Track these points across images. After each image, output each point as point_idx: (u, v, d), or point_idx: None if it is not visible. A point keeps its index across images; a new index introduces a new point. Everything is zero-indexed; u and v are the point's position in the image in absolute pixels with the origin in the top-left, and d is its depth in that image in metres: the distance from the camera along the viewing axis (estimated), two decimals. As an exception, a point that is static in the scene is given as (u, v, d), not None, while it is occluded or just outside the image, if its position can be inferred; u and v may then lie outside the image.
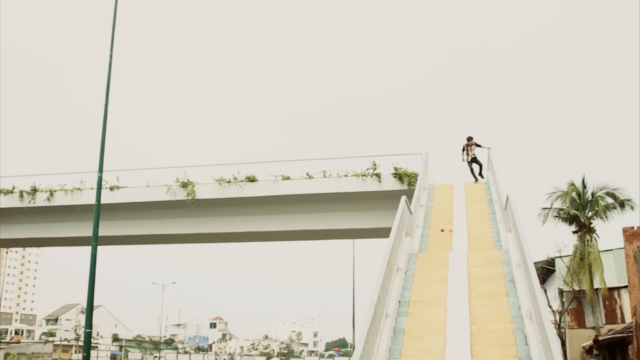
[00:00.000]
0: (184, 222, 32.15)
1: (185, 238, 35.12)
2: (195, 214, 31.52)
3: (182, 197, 30.61)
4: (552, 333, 9.00)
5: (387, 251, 12.56)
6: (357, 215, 30.70)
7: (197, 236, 34.19)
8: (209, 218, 31.98)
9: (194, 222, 32.13)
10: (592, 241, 31.99)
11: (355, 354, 8.85)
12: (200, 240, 36.62)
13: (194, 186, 30.75)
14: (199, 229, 32.42)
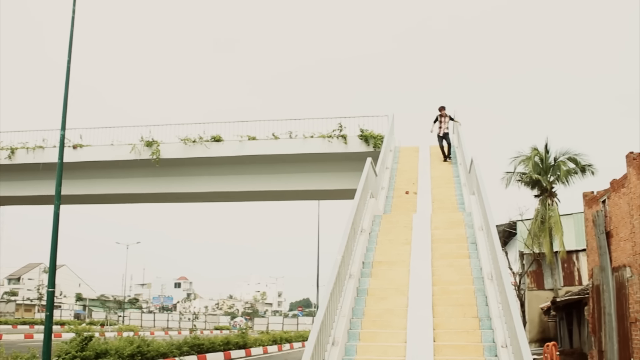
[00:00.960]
0: (149, 181, 31.84)
1: (150, 198, 34.83)
2: (160, 173, 31.23)
3: (147, 157, 30.25)
4: (512, 294, 9.16)
5: (352, 212, 12.61)
6: (323, 177, 30.72)
7: (162, 196, 33.92)
8: (174, 178, 31.72)
9: (158, 181, 31.84)
10: (553, 205, 32.57)
11: (319, 313, 8.91)
12: (165, 200, 36.37)
13: (158, 145, 30.38)
14: (164, 188, 32.15)
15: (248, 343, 36.57)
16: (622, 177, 18.92)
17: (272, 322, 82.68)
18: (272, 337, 44.87)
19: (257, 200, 36.89)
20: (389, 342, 10.32)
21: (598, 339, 21.10)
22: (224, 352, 31.76)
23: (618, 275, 19.17)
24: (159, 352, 24.85)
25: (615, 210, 19.68)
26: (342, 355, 9.86)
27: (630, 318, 18.09)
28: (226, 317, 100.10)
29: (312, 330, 8.40)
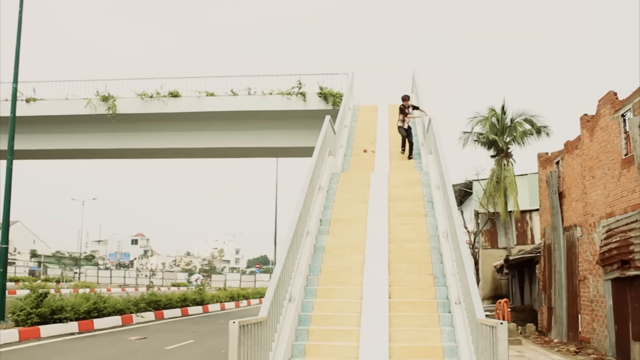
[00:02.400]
0: (105, 137, 31.36)
1: (106, 153, 34.35)
2: (116, 129, 30.77)
3: (103, 112, 29.74)
4: (467, 252, 9.32)
5: (310, 170, 12.61)
6: (282, 134, 30.63)
7: (118, 152, 33.49)
8: (131, 133, 31.29)
9: (115, 137, 31.38)
10: (508, 166, 33.02)
11: (276, 270, 8.96)
12: (122, 156, 35.91)
13: (115, 100, 29.87)
14: (121, 144, 31.72)
15: (205, 299, 36.69)
16: (576, 139, 19.24)
17: (229, 279, 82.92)
18: (230, 293, 45.06)
19: (215, 157, 36.69)
20: (346, 298, 10.44)
21: (548, 296, 21.67)
22: (181, 309, 31.81)
23: (569, 235, 19.63)
24: (115, 309, 24.78)
25: (568, 171, 20.05)
26: (299, 312, 9.96)
27: (579, 276, 18.60)
28: (184, 274, 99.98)
29: (269, 287, 8.45)
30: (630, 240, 14.45)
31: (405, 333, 9.31)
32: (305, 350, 9.05)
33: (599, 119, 17.18)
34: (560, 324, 20.19)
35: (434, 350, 8.86)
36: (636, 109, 14.59)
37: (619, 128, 15.76)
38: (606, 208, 16.44)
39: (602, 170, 16.82)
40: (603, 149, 16.78)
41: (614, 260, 15.41)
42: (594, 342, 17.36)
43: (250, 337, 6.87)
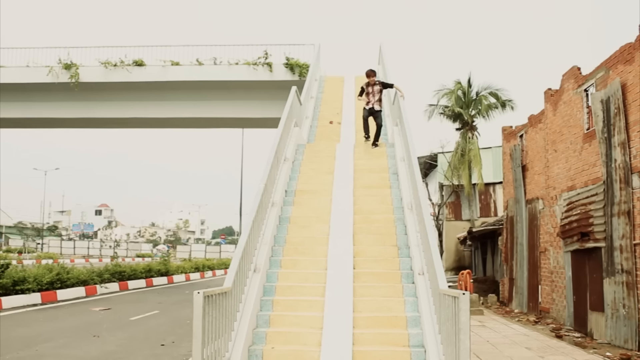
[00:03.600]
0: (68, 105, 30.86)
1: (69, 122, 33.84)
2: (79, 97, 30.28)
3: (65, 80, 29.22)
4: (431, 224, 9.39)
5: (276, 141, 12.57)
6: (248, 105, 30.48)
7: (81, 121, 33.00)
8: (94, 102, 30.83)
9: (78, 106, 30.89)
10: (473, 139, 33.35)
11: (241, 240, 8.94)
12: (86, 125, 35.41)
13: (77, 68, 29.35)
14: (84, 113, 31.25)
15: (170, 270, 36.64)
16: (540, 113, 19.45)
17: (194, 250, 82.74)
18: (195, 264, 45.05)
19: (181, 128, 36.43)
20: (310, 269, 10.48)
21: (510, 267, 22.03)
22: (146, 279, 31.75)
23: (531, 207, 19.92)
24: (79, 280, 24.64)
25: (531, 144, 20.29)
26: (264, 282, 9.97)
27: (540, 248, 18.93)
28: (148, 245, 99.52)
29: (234, 257, 8.44)
30: (590, 213, 14.72)
31: (369, 303, 9.40)
32: (270, 321, 9.09)
33: (563, 93, 17.37)
34: (521, 294, 20.58)
35: (397, 320, 8.96)
36: (599, 84, 14.78)
37: (581, 103, 15.96)
38: (567, 181, 16.70)
39: (564, 144, 17.05)
40: (566, 123, 16.99)
41: (574, 232, 15.70)
42: (553, 312, 17.73)
43: (215, 308, 6.87)
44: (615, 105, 13.44)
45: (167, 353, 12.32)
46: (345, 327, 8.64)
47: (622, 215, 13.03)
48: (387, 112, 18.61)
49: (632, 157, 12.81)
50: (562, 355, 11.67)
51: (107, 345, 13.03)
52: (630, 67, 13.04)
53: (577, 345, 13.14)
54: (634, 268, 12.60)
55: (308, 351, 8.33)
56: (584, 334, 14.90)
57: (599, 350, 12.44)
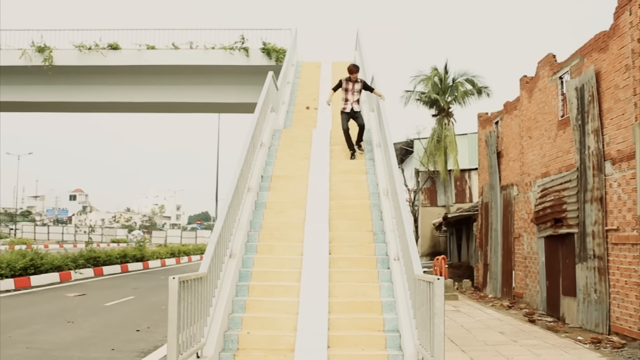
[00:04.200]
0: (41, 89, 30.48)
1: (42, 106, 33.46)
2: (53, 81, 29.93)
3: (39, 63, 28.86)
4: (406, 210, 9.43)
5: (252, 126, 12.53)
6: (224, 90, 30.35)
7: (56, 105, 32.64)
8: (69, 86, 30.50)
9: (52, 90, 30.54)
10: (449, 125, 33.51)
11: (217, 225, 8.92)
12: (60, 109, 35.04)
13: (51, 51, 28.99)
14: (58, 97, 30.90)
15: (146, 256, 36.47)
16: (515, 100, 19.57)
17: (170, 235, 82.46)
18: (170, 249, 44.88)
19: (156, 112, 36.16)
20: (286, 254, 10.49)
21: (484, 253, 22.23)
22: (121, 265, 31.58)
23: (506, 194, 20.09)
24: (53, 265, 24.45)
25: (506, 131, 20.42)
26: (240, 267, 9.97)
27: (514, 233, 19.11)
28: (124, 230, 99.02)
29: (210, 243, 8.42)
30: (563, 199, 14.88)
31: (344, 288, 9.44)
32: (245, 306, 9.10)
33: (538, 80, 17.48)
34: (495, 279, 20.78)
35: (372, 305, 9.01)
36: (574, 72, 14.90)
37: (556, 90, 16.07)
38: (542, 168, 16.85)
39: (539, 131, 17.19)
40: (541, 110, 17.12)
41: (547, 218, 15.86)
42: (526, 297, 17.94)
43: (190, 293, 6.86)
44: (590, 93, 13.57)
45: (143, 339, 12.28)
46: (320, 312, 8.68)
47: (594, 201, 13.18)
48: (364, 98, 18.61)
49: (605, 145, 12.95)
50: (535, 340, 11.82)
51: (82, 331, 12.97)
52: (605, 55, 13.15)
53: (549, 329, 13.32)
54: (606, 254, 12.77)
55: (284, 336, 8.35)
56: (557, 319, 15.10)
57: (570, 334, 12.62)
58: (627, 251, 12.00)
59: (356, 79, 14.02)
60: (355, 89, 14.01)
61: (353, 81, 14.00)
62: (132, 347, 11.31)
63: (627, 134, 11.97)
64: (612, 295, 12.52)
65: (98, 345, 11.49)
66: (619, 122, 12.37)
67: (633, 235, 11.72)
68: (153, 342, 11.81)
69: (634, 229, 11.68)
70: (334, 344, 8.16)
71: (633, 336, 11.55)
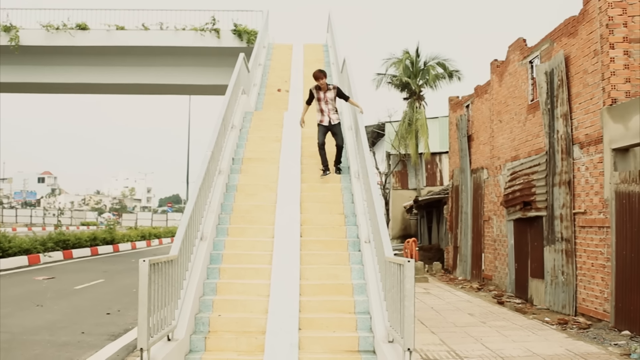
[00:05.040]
0: (7, 70, 29.94)
1: (8, 87, 32.86)
2: (20, 61, 29.42)
3: (5, 43, 28.33)
4: (377, 193, 9.47)
5: (223, 108, 12.45)
6: (195, 71, 30.12)
7: (22, 86, 32.10)
8: (36, 67, 30.01)
9: (18, 70, 30.02)
10: (420, 108, 33.63)
11: (187, 208, 8.87)
12: (27, 90, 34.48)
13: (17, 31, 28.46)
14: (25, 78, 30.39)
15: (116, 239, 36.20)
16: (486, 84, 19.68)
17: (140, 218, 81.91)
18: (141, 232, 44.63)
19: (126, 94, 35.80)
20: (257, 237, 10.49)
21: (454, 236, 22.42)
22: (91, 248, 31.33)
23: (476, 177, 20.25)
24: (21, 248, 24.17)
25: (477, 115, 20.55)
26: (211, 250, 9.95)
27: (484, 216, 19.30)
28: (93, 213, 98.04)
29: (180, 225, 8.38)
30: (532, 182, 15.04)
31: (315, 271, 9.47)
32: (216, 289, 9.09)
33: (508, 64, 17.59)
34: (465, 262, 21.00)
35: (343, 287, 9.06)
36: (543, 56, 15.01)
37: (526, 74, 16.19)
38: (511, 151, 17.01)
39: (509, 115, 17.32)
40: (511, 94, 17.25)
41: (516, 201, 16.03)
42: (495, 279, 18.16)
43: (160, 276, 6.83)
44: (559, 78, 13.69)
45: (113, 322, 12.21)
46: (292, 294, 8.70)
47: (563, 185, 13.35)
48: (336, 80, 18.50)
49: (574, 129, 13.10)
50: (503, 321, 11.98)
51: (51, 315, 12.85)
52: (574, 40, 13.27)
53: (517, 311, 13.50)
54: (573, 236, 12.96)
55: (255, 318, 8.37)
56: (525, 300, 15.31)
57: (538, 316, 12.81)
58: (593, 234, 12.19)
59: (326, 86, 12.28)
60: (328, 97, 12.27)
61: (324, 90, 12.27)
62: (102, 331, 11.24)
63: (595, 119, 12.12)
64: (579, 277, 12.73)
65: (67, 328, 11.40)
66: (587, 106, 12.51)
67: (600, 219, 11.90)
68: (123, 325, 11.75)
69: (601, 212, 11.86)
70: (305, 326, 8.19)
71: (598, 317, 11.76)
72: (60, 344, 10.05)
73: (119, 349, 9.77)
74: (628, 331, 10.44)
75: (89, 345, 9.95)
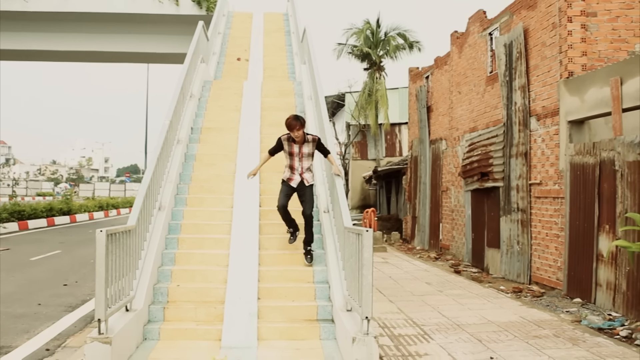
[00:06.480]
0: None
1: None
2: (-33, 26, 28.56)
3: (-46, 6, 27.45)
4: (337, 163, 9.47)
5: (181, 77, 12.31)
6: (153, 39, 29.59)
7: (-30, 52, 31.19)
8: (-14, 33, 29.16)
9: (-33, 35, 29.15)
10: (380, 79, 33.67)
11: (145, 178, 8.78)
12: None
13: (-31, -6, 27.58)
14: (-27, 43, 29.53)
15: (73, 209, 35.75)
16: (446, 55, 19.75)
17: (98, 188, 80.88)
18: (99, 203, 44.11)
19: (81, 61, 35.01)
20: (216, 207, 10.46)
21: (413, 206, 22.62)
22: (47, 219, 30.90)
23: (434, 148, 20.40)
24: (-26, 219, 23.73)
25: (437, 86, 20.65)
26: (169, 220, 9.89)
27: (442, 187, 19.49)
28: (49, 184, 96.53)
29: (138, 195, 8.30)
30: (490, 154, 15.21)
31: (274, 241, 9.49)
32: (175, 259, 9.05)
33: (468, 36, 17.67)
34: (423, 232, 21.23)
35: (302, 256, 9.09)
36: (503, 29, 15.10)
37: (486, 46, 16.29)
38: (470, 123, 17.15)
39: (468, 86, 17.44)
40: (470, 65, 17.35)
41: (474, 172, 16.22)
42: (452, 248, 18.41)
43: (118, 246, 6.76)
44: (517, 50, 13.80)
45: (70, 293, 12.10)
46: (251, 264, 8.71)
47: (519, 156, 13.53)
48: (295, 50, 18.40)
49: (531, 101, 13.25)
50: (460, 290, 12.18)
51: (6, 286, 12.68)
52: (533, 13, 13.36)
53: (474, 279, 13.73)
54: (529, 207, 13.18)
55: (214, 288, 8.37)
56: (481, 269, 15.57)
57: (493, 284, 13.05)
58: (548, 204, 12.42)
59: (303, 138, 8.94)
60: (304, 152, 9.03)
61: (299, 142, 8.98)
62: (60, 302, 11.14)
63: (552, 91, 12.28)
64: (534, 246, 12.98)
65: (23, 300, 11.26)
66: (545, 79, 12.65)
67: (555, 189, 12.12)
68: (81, 296, 11.65)
69: (556, 183, 12.08)
70: (264, 296, 8.22)
71: (552, 285, 12.03)
72: (16, 316, 9.94)
73: (76, 320, 9.70)
74: (579, 298, 10.70)
75: (45, 317, 9.86)
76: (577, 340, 7.81)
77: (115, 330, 6.45)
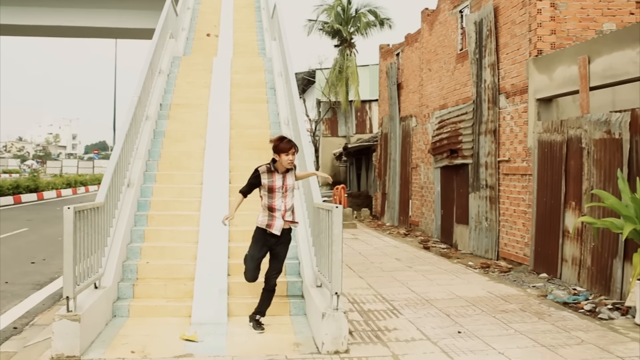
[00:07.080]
0: None
1: None
2: None
3: None
4: (307, 140, 9.48)
5: (150, 52, 12.16)
6: (121, 14, 29.15)
7: None
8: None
9: None
10: (351, 56, 33.64)
11: (113, 154, 8.70)
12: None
13: None
14: None
15: (40, 186, 35.30)
16: (416, 32, 19.76)
17: (66, 165, 79.98)
18: (67, 180, 43.59)
19: (47, 36, 34.37)
20: (186, 183, 10.41)
21: (383, 183, 22.74)
22: (14, 196, 30.50)
23: (405, 125, 20.47)
24: (-63, 196, 23.33)
25: (407, 63, 20.67)
26: (138, 197, 9.82)
27: (412, 164, 19.60)
28: (16, 161, 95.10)
29: (106, 172, 8.22)
30: (459, 131, 15.31)
31: (244, 218, 9.46)
32: (144, 236, 9.01)
33: (439, 13, 17.68)
34: (392, 208, 21.36)
35: (272, 233, 9.09)
36: (473, 6, 15.13)
37: (456, 24, 16.32)
38: (440, 100, 17.22)
39: (438, 63, 17.49)
40: (441, 43, 17.38)
41: (444, 149, 16.32)
42: (422, 225, 18.56)
43: (86, 223, 6.70)
44: (487, 28, 13.85)
45: (38, 271, 11.99)
46: (220, 240, 8.71)
47: (488, 133, 13.64)
48: (266, 26, 18.27)
49: (501, 79, 13.34)
50: (429, 265, 12.30)
51: (-29, 263, 12.52)
52: (502, -10, 13.41)
53: (442, 255, 13.88)
54: (497, 184, 13.32)
55: (184, 265, 8.35)
56: (450, 245, 15.74)
57: (462, 260, 13.20)
58: (516, 181, 12.56)
59: (292, 163, 7.19)
60: (288, 184, 7.17)
61: (281, 172, 7.19)
62: (27, 280, 11.04)
63: (521, 69, 12.36)
64: (502, 223, 13.14)
65: (-10, 277, 11.14)
66: (514, 57, 12.73)
67: (523, 167, 12.25)
68: (49, 274, 11.55)
69: (524, 160, 12.21)
70: (234, 272, 8.22)
71: (519, 261, 12.21)
72: (-18, 293, 9.83)
73: (44, 297, 9.63)
74: (545, 274, 10.88)
75: (13, 295, 9.77)
76: (542, 315, 7.95)
77: (84, 307, 6.41)
